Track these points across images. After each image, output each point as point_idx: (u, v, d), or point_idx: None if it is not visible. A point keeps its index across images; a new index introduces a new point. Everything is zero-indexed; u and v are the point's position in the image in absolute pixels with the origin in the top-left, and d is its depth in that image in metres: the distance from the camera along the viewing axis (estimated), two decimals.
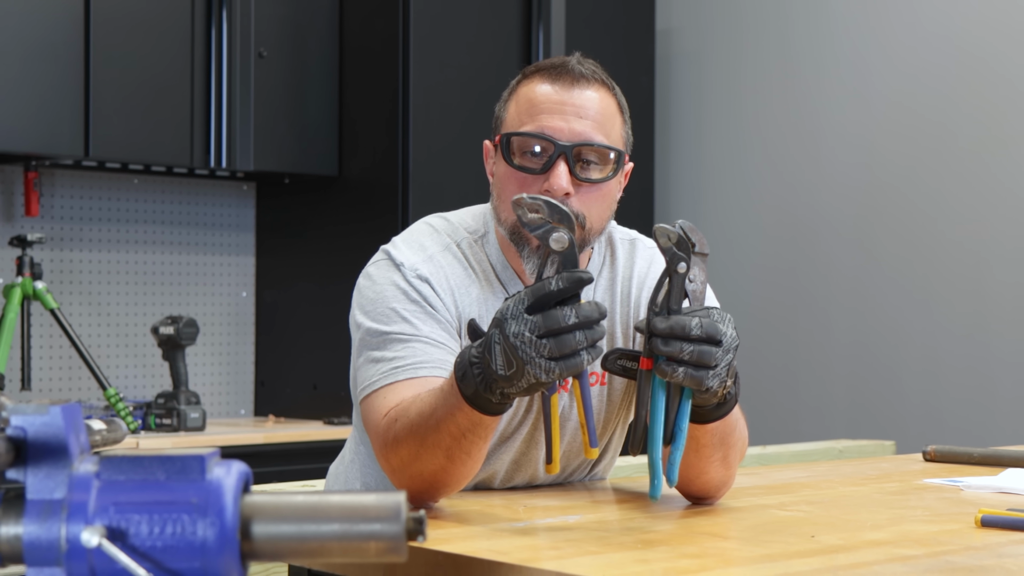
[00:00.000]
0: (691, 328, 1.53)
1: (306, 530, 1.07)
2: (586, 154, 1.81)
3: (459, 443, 1.62)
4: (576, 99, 1.83)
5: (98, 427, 1.25)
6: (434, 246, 1.90)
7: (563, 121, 1.81)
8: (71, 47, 3.59)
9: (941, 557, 1.37)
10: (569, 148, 1.80)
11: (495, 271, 1.91)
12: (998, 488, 1.94)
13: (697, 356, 1.54)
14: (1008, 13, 4.00)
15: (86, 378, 3.93)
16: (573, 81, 1.84)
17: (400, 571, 1.42)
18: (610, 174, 1.83)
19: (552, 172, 1.79)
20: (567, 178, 1.79)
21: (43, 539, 1.03)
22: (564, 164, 1.79)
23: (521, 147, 1.82)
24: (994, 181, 4.01)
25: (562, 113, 1.82)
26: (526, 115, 1.84)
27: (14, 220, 3.84)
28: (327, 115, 4.08)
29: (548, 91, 1.83)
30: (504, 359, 1.50)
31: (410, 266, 1.86)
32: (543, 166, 1.80)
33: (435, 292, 1.85)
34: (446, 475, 1.66)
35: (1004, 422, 3.94)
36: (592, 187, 1.82)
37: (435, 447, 1.63)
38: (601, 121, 1.83)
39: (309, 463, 3.51)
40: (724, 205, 4.66)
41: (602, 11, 4.41)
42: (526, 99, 1.85)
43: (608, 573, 1.25)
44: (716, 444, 1.73)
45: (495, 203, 1.89)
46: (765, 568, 1.30)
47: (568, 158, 1.79)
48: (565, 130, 1.81)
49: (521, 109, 1.85)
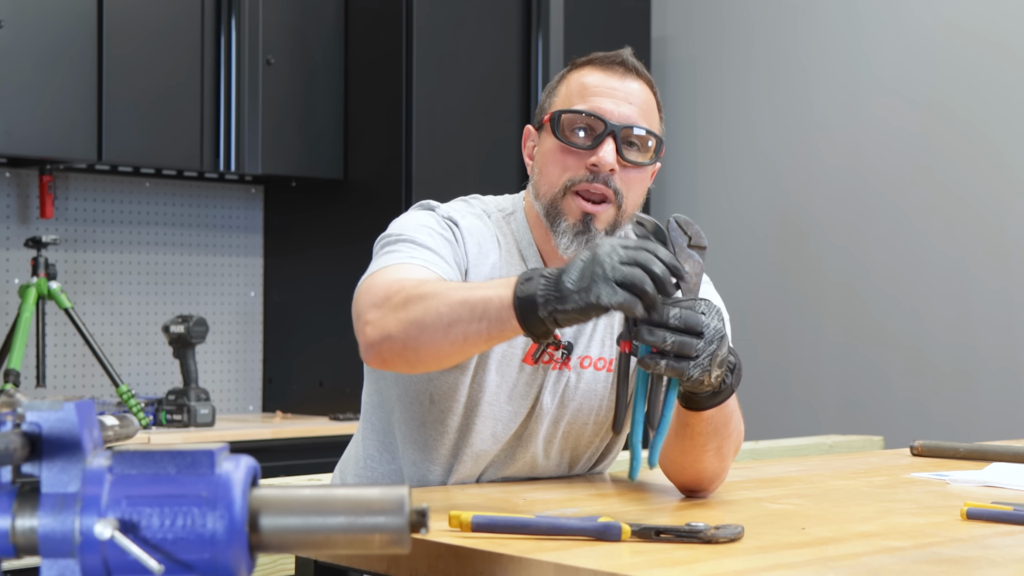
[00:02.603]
0: (668, 318, 1.53)
1: (312, 523, 1.07)
2: (631, 136, 1.87)
3: (469, 324, 1.59)
4: (626, 87, 1.89)
5: (111, 423, 1.25)
6: (467, 211, 1.95)
7: (614, 104, 1.87)
8: (84, 55, 3.59)
9: (928, 548, 1.37)
10: (618, 128, 1.85)
11: (519, 246, 1.94)
12: (983, 482, 1.94)
13: (677, 346, 1.53)
14: (993, 21, 4.00)
15: (99, 375, 3.93)
16: (625, 71, 1.91)
17: (403, 563, 1.42)
18: (649, 159, 1.89)
19: (600, 148, 1.85)
20: (614, 156, 1.85)
21: (57, 531, 1.03)
22: (612, 142, 1.85)
23: (571, 124, 1.87)
24: (978, 187, 4.01)
25: (613, 97, 1.88)
26: (577, 96, 1.89)
27: (29, 222, 3.84)
28: (333, 120, 4.07)
29: (601, 77, 1.90)
30: (579, 274, 1.50)
31: (444, 212, 1.92)
32: (592, 142, 1.86)
33: (461, 237, 1.89)
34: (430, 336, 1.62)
35: (989, 418, 3.94)
36: (633, 169, 1.88)
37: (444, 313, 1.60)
38: (646, 110, 1.90)
39: (315, 458, 3.51)
40: (717, 207, 4.65)
41: (599, 20, 4.41)
42: (578, 83, 1.91)
43: (604, 564, 1.25)
44: (711, 433, 1.73)
45: (535, 178, 1.92)
46: (757, 559, 1.30)
47: (616, 137, 1.85)
48: (615, 112, 1.87)
49: (572, 91, 1.91)
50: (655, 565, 1.26)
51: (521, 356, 1.89)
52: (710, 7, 4.73)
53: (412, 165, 3.89)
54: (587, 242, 1.86)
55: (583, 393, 1.93)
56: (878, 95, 4.24)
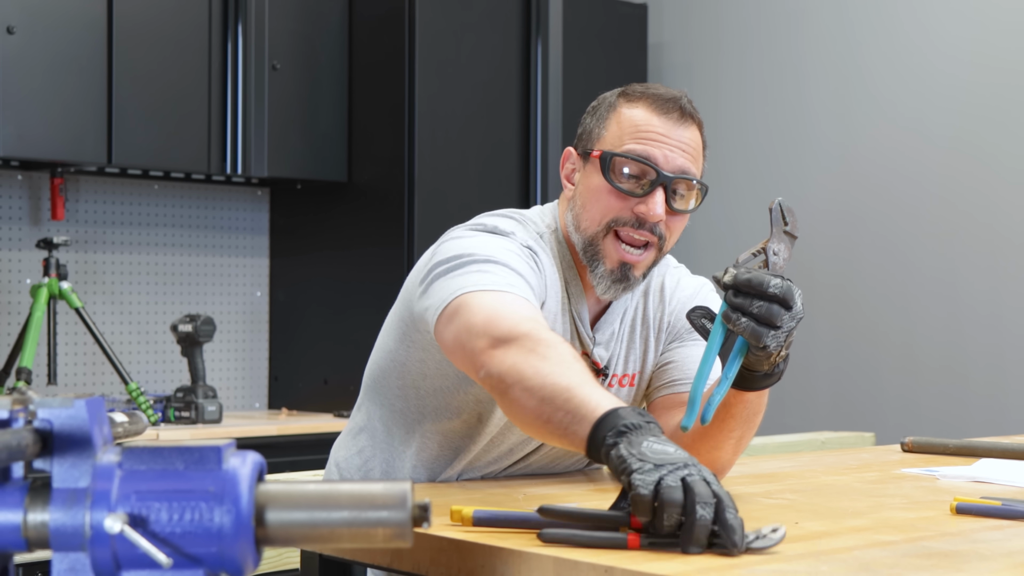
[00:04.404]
0: (768, 285, 1.53)
1: (317, 517, 1.07)
2: (680, 186, 1.84)
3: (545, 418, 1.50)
4: (681, 135, 1.84)
5: (120, 419, 1.25)
6: (526, 232, 1.86)
7: (669, 151, 1.82)
8: (95, 60, 3.59)
9: (918, 542, 1.37)
10: (670, 179, 1.81)
11: (561, 267, 1.89)
12: (972, 477, 1.94)
13: (766, 312, 1.53)
14: (980, 31, 4.00)
15: (109, 373, 3.93)
16: (681, 116, 1.85)
17: (406, 556, 1.42)
18: (695, 206, 1.87)
19: (651, 198, 1.81)
20: (663, 206, 1.81)
21: (68, 525, 1.03)
22: (663, 192, 1.81)
23: (622, 166, 1.82)
24: (966, 189, 4.01)
25: (668, 145, 1.83)
26: (630, 138, 1.83)
27: (41, 224, 3.84)
28: (337, 124, 4.07)
29: (656, 120, 1.84)
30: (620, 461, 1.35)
31: (520, 238, 1.82)
32: (644, 190, 1.81)
33: (540, 264, 1.82)
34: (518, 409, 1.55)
35: (978, 415, 3.94)
36: (678, 216, 1.85)
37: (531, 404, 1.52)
38: (696, 158, 1.86)
39: (320, 454, 3.50)
40: (710, 210, 4.65)
41: (597, 25, 4.41)
42: (631, 122, 1.85)
43: (602, 559, 1.25)
44: (742, 419, 1.73)
45: (577, 211, 1.87)
46: (752, 553, 1.30)
47: (667, 187, 1.82)
48: (669, 160, 1.82)
49: (625, 131, 1.84)
50: (651, 559, 1.26)
51: None
52: (706, 14, 4.73)
53: (415, 168, 3.89)
54: (624, 289, 1.84)
55: None
56: (869, 102, 4.24)
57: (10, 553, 1.06)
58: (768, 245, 1.65)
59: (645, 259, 1.84)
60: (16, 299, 3.80)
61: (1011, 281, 3.91)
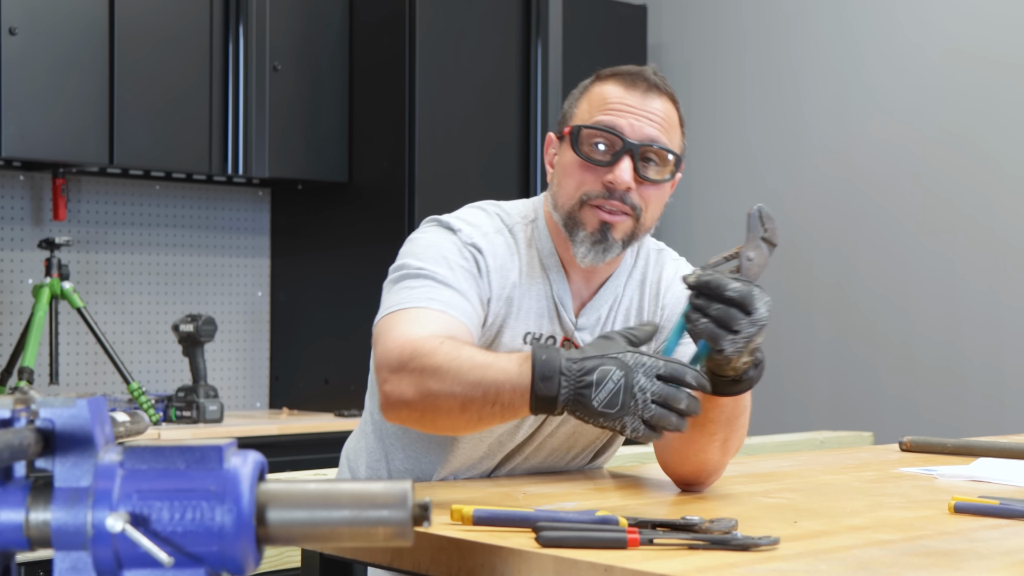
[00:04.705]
0: (727, 288, 1.55)
1: (318, 516, 1.07)
2: (649, 154, 1.84)
3: (481, 407, 1.60)
4: (647, 105, 1.86)
5: (122, 419, 1.25)
6: (487, 226, 1.90)
7: (634, 121, 1.84)
8: (96, 61, 3.59)
9: (916, 541, 1.37)
10: (636, 146, 1.83)
11: (540, 255, 1.91)
12: (970, 477, 1.94)
13: (724, 315, 1.55)
14: (978, 30, 4.00)
15: (110, 373, 3.93)
16: (648, 88, 1.87)
17: (406, 555, 1.42)
18: (667, 176, 1.87)
19: (617, 166, 1.82)
20: (631, 173, 1.83)
21: (70, 524, 1.03)
22: (629, 160, 1.82)
23: (590, 139, 1.85)
24: (964, 189, 4.01)
25: (633, 114, 1.85)
26: (598, 111, 1.86)
27: (43, 224, 3.84)
28: (338, 125, 4.07)
29: (622, 92, 1.86)
30: (611, 399, 1.51)
31: (466, 235, 1.86)
32: (610, 159, 1.83)
33: (486, 266, 1.85)
34: (444, 418, 1.65)
35: (976, 415, 3.94)
36: (650, 185, 1.85)
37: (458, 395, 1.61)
38: (666, 127, 1.86)
39: (321, 453, 3.51)
40: (710, 210, 4.65)
41: (597, 27, 4.41)
42: (600, 97, 1.87)
43: (601, 558, 1.25)
44: (722, 422, 1.73)
45: (554, 189, 1.90)
46: (750, 551, 1.30)
47: (634, 155, 1.83)
48: (634, 129, 1.84)
49: (594, 106, 1.87)
50: (650, 558, 1.26)
51: None
52: (705, 15, 4.73)
53: (415, 168, 3.89)
54: (604, 251, 1.84)
55: None
56: (867, 101, 4.24)
57: (12, 552, 1.06)
58: (742, 250, 1.66)
59: (623, 223, 1.85)
60: (18, 299, 3.80)
61: (1009, 281, 3.91)
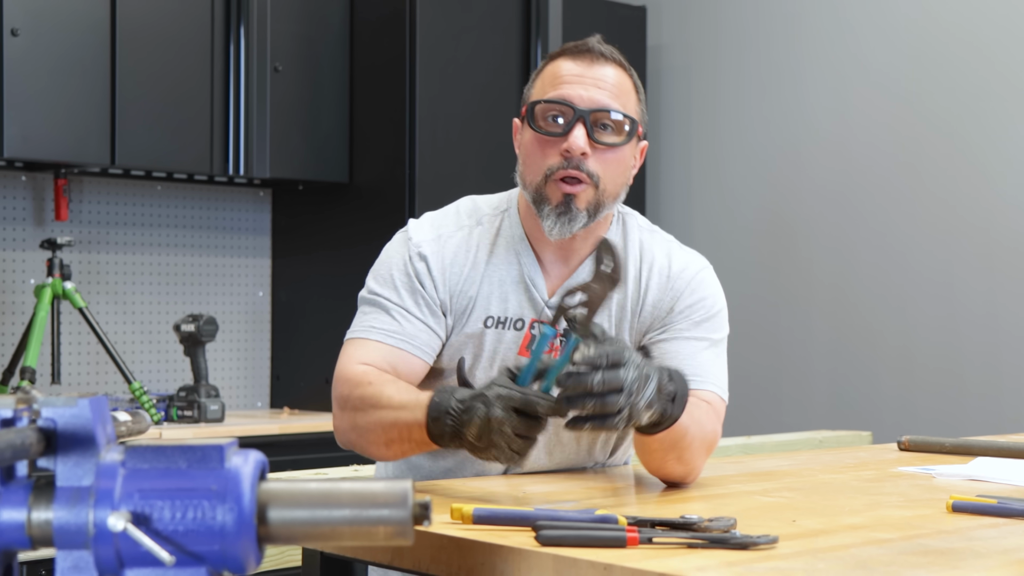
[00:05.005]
0: (592, 385, 1.50)
1: (319, 515, 1.07)
2: (602, 119, 1.86)
3: (401, 444, 1.73)
4: (595, 73, 1.89)
5: (123, 418, 1.25)
6: (450, 227, 1.96)
7: (583, 90, 1.87)
8: (98, 62, 3.59)
9: (915, 540, 1.37)
10: (587, 112, 1.85)
11: (512, 242, 1.95)
12: (968, 476, 1.94)
13: (599, 407, 1.51)
14: (978, 29, 4.00)
15: (112, 372, 3.93)
16: (593, 58, 1.90)
17: (407, 554, 1.42)
18: (624, 140, 1.87)
19: (571, 134, 1.85)
20: (585, 139, 1.85)
21: (72, 523, 1.03)
22: (582, 127, 1.85)
23: (544, 113, 1.88)
24: (963, 191, 4.01)
25: (582, 84, 1.87)
26: (550, 86, 1.90)
27: (45, 224, 3.84)
28: (338, 126, 4.07)
29: (571, 66, 1.90)
30: (477, 433, 1.56)
31: (416, 243, 1.94)
32: (564, 129, 1.86)
33: (428, 272, 1.91)
34: (376, 450, 1.79)
35: (974, 414, 3.94)
36: (607, 151, 1.87)
37: (382, 432, 1.74)
38: (617, 93, 1.89)
39: (322, 452, 3.51)
40: (710, 209, 4.66)
41: (597, 28, 4.38)
42: (551, 74, 1.91)
43: (601, 556, 1.25)
44: (667, 448, 1.73)
45: (521, 170, 1.95)
46: (749, 550, 1.30)
47: (586, 122, 1.85)
48: (584, 97, 1.86)
49: (545, 83, 1.91)
50: (649, 557, 1.26)
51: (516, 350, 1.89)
52: (704, 17, 4.73)
53: (415, 169, 3.89)
54: (569, 222, 1.87)
55: None
56: (866, 102, 4.24)
57: (14, 551, 1.06)
58: (589, 283, 1.59)
59: (584, 192, 1.86)
60: (20, 299, 3.80)
61: (1008, 281, 3.91)
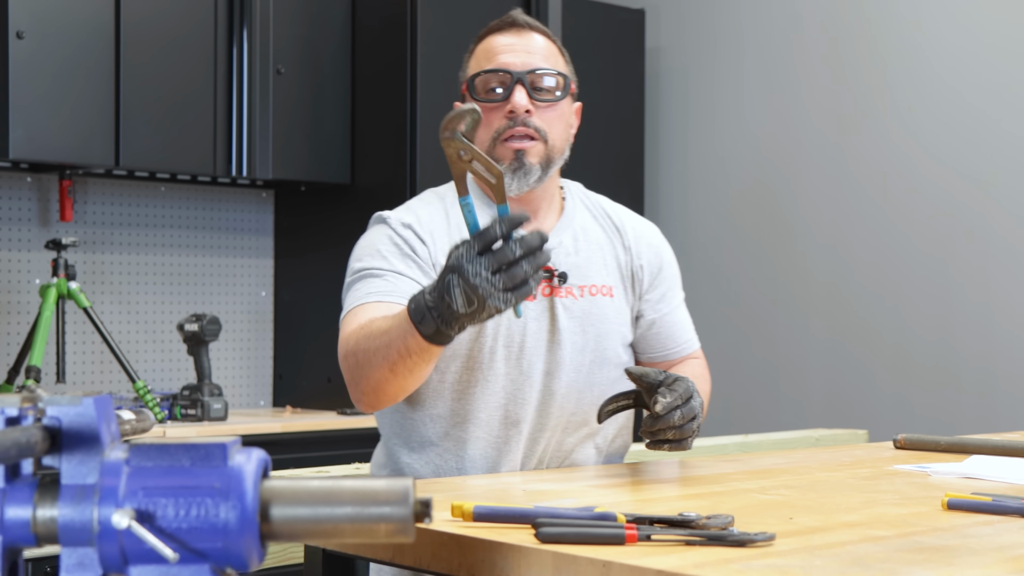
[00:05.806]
0: (674, 421, 1.79)
1: (321, 513, 1.08)
2: (538, 81, 1.98)
3: (404, 361, 1.73)
4: (525, 41, 2.02)
5: (128, 417, 1.25)
6: (418, 203, 2.05)
7: (515, 57, 1.99)
8: (102, 65, 3.59)
9: (910, 537, 1.37)
10: (524, 74, 1.98)
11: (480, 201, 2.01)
12: (963, 474, 1.94)
13: (679, 434, 1.82)
14: (974, 32, 4.00)
15: (116, 371, 3.93)
16: (520, 29, 2.03)
17: (408, 551, 1.42)
18: (562, 94, 2.00)
19: (512, 96, 1.97)
20: (526, 98, 1.97)
21: (77, 521, 1.03)
22: (522, 88, 1.97)
23: (485, 84, 2.00)
24: (958, 191, 4.01)
25: (514, 52, 2.00)
26: (484, 60, 2.02)
27: (50, 225, 3.84)
28: (340, 127, 4.08)
29: (501, 39, 2.02)
30: (465, 298, 1.58)
31: (394, 218, 2.00)
32: (504, 94, 1.97)
33: (416, 235, 1.97)
34: (388, 385, 1.78)
35: (969, 412, 3.94)
36: (548, 107, 1.99)
37: (383, 360, 1.75)
38: (547, 55, 2.03)
39: (324, 451, 3.51)
40: (709, 209, 4.65)
41: (596, 31, 4.41)
42: (483, 50, 2.03)
43: (600, 554, 1.25)
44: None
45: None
46: (747, 547, 1.30)
47: (524, 83, 1.97)
48: (518, 62, 1.98)
49: (480, 59, 2.03)
50: (648, 554, 1.26)
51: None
52: (702, 19, 4.73)
53: (416, 170, 3.90)
54: (525, 175, 1.96)
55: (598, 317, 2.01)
56: (864, 104, 4.24)
57: (20, 548, 1.06)
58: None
59: (534, 147, 1.96)
60: (25, 299, 3.80)
61: (1002, 280, 3.91)
